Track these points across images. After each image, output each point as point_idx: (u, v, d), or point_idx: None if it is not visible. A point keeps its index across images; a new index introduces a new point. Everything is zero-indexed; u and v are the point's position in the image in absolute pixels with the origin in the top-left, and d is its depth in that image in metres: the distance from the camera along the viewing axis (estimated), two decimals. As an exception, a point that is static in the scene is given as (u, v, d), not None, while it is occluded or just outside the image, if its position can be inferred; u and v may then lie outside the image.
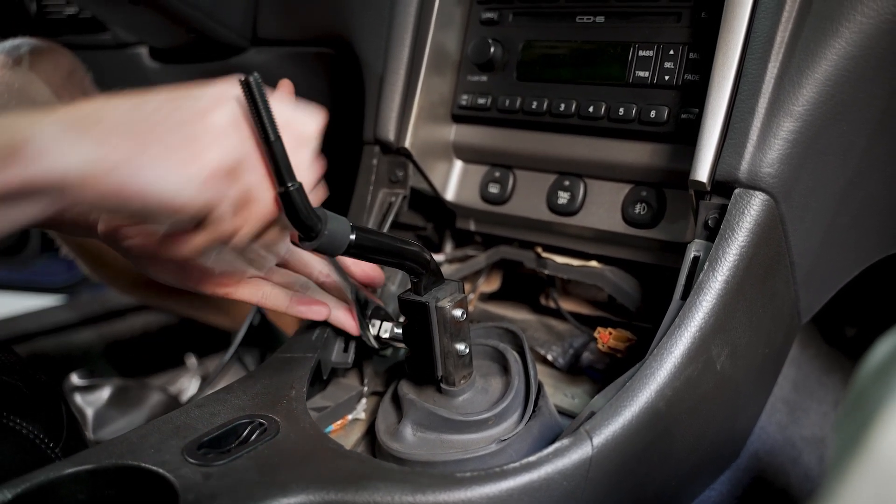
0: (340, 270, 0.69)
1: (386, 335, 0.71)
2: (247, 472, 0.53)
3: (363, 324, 0.71)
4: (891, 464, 0.28)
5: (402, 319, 0.69)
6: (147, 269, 0.65)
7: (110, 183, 0.49)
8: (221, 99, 0.54)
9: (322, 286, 0.74)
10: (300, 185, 0.54)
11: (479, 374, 0.68)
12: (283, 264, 0.72)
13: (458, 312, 0.64)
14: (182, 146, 0.51)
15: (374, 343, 0.72)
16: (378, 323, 0.72)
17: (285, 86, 0.65)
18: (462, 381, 0.66)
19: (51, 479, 0.52)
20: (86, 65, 1.17)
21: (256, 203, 0.55)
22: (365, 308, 0.72)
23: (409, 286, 0.66)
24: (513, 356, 0.69)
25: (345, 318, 0.72)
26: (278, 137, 0.53)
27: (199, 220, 0.54)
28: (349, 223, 0.58)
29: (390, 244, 0.62)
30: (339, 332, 0.76)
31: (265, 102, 0.53)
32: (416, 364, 0.67)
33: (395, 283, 0.85)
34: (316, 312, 0.71)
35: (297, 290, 0.72)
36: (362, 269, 0.73)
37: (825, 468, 0.94)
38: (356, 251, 0.59)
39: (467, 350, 0.65)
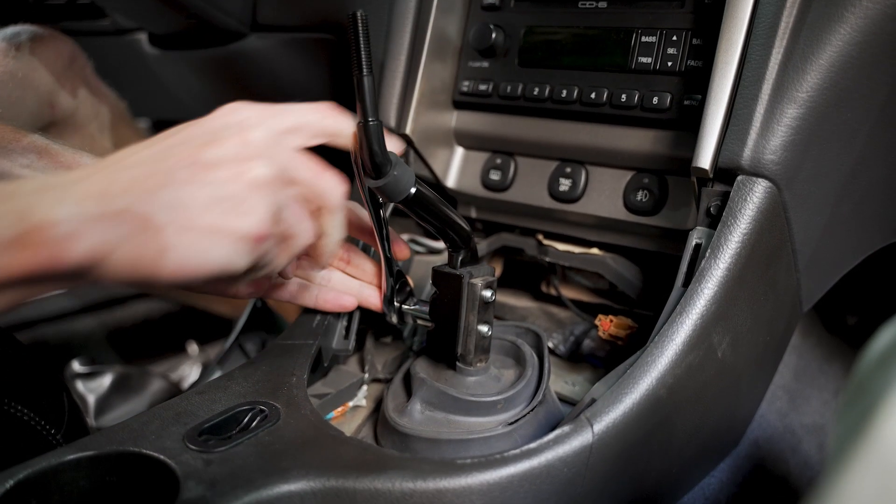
0: (384, 235, 0.70)
1: (409, 309, 0.72)
2: (247, 459, 0.53)
3: (389, 296, 0.72)
4: (892, 452, 0.28)
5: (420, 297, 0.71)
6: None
7: (149, 266, 0.47)
8: (249, 145, 0.51)
9: (343, 272, 0.74)
10: (380, 122, 0.56)
11: (494, 366, 0.70)
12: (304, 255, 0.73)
13: (487, 293, 0.66)
14: (225, 215, 0.49)
15: (394, 317, 0.73)
16: (405, 293, 0.73)
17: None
18: (478, 364, 0.67)
19: (52, 466, 0.52)
20: (85, 51, 1.16)
21: (296, 237, 0.56)
22: (396, 278, 0.73)
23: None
24: (529, 350, 0.71)
25: (370, 294, 0.73)
26: (371, 73, 0.55)
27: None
28: (415, 176, 0.60)
29: (443, 210, 0.63)
30: (340, 319, 0.76)
31: (367, 39, 0.55)
32: (436, 339, 0.69)
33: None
34: (341, 306, 0.72)
35: (319, 281, 0.73)
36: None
37: (825, 456, 0.95)
38: (413, 203, 0.61)
39: (489, 332, 0.67)
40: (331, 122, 0.57)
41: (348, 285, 0.74)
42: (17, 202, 0.44)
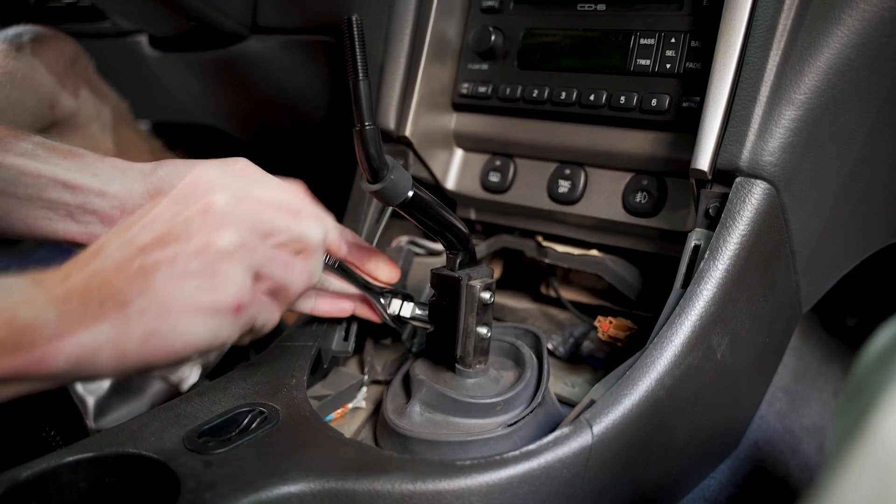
0: (345, 270, 0.70)
1: (406, 314, 0.73)
2: (247, 460, 0.53)
3: (379, 307, 0.73)
4: (890, 452, 0.28)
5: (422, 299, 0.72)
6: None
7: (137, 354, 0.46)
8: (212, 212, 0.49)
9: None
10: (376, 126, 0.56)
11: (493, 368, 0.70)
12: None
13: (486, 295, 0.66)
14: (200, 291, 0.47)
15: (391, 322, 0.73)
16: (399, 303, 0.73)
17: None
18: (478, 366, 0.67)
19: (52, 467, 0.52)
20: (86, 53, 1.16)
21: (289, 286, 0.53)
22: (380, 295, 0.73)
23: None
24: (528, 352, 0.71)
25: (369, 309, 0.73)
26: (367, 77, 0.55)
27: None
28: (412, 180, 0.60)
29: (441, 212, 0.64)
30: (340, 321, 0.76)
31: (362, 44, 0.55)
32: (436, 342, 0.69)
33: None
34: (341, 310, 0.72)
35: (319, 288, 0.72)
36: (373, 271, 0.73)
37: (825, 457, 0.95)
38: (410, 207, 0.61)
39: (488, 334, 0.67)
40: (302, 227, 0.54)
41: (346, 288, 0.73)
42: (4, 302, 0.43)
